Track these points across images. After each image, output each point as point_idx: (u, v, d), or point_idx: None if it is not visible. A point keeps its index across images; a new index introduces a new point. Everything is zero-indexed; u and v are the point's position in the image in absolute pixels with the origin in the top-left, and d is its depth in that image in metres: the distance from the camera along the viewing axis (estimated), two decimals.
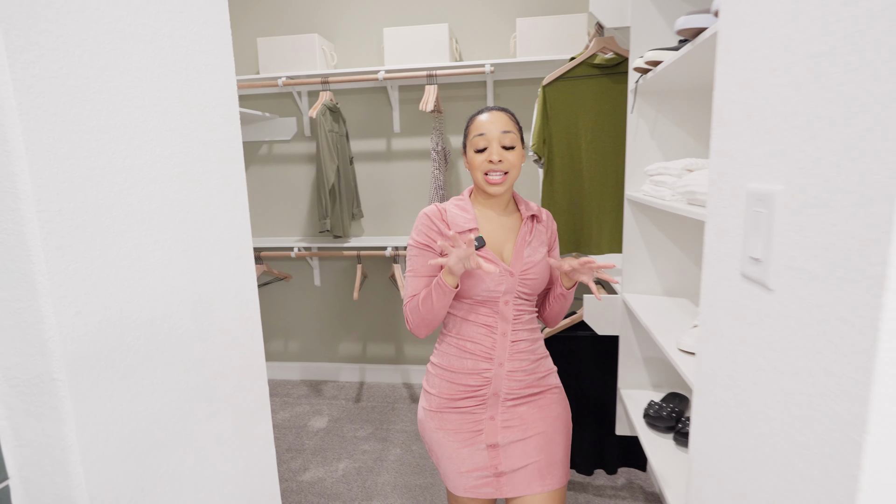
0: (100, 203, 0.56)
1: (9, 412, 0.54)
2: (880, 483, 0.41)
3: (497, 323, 1.14)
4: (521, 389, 1.16)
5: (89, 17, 0.56)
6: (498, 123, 1.12)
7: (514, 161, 1.13)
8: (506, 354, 1.14)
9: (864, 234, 0.41)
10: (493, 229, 1.17)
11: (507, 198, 1.20)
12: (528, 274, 1.14)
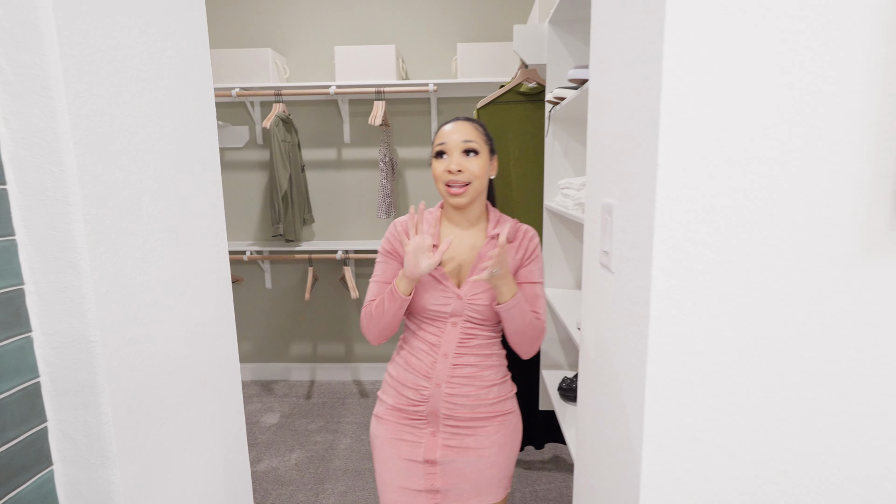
0: (121, 209, 0.74)
1: (49, 368, 0.70)
2: (658, 391, 0.67)
3: (441, 343, 1.10)
4: (465, 414, 1.11)
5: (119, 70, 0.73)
6: (459, 132, 1.08)
7: (476, 171, 1.07)
8: (444, 376, 1.10)
9: (642, 231, 0.67)
10: (455, 245, 1.13)
11: (477, 213, 1.14)
12: (479, 298, 1.09)
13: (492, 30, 2.79)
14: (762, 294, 0.63)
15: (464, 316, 1.10)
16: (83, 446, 0.72)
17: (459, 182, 1.07)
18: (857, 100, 0.58)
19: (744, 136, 0.60)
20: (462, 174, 1.07)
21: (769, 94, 0.59)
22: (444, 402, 1.10)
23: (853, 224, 0.61)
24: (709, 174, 0.61)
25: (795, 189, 0.61)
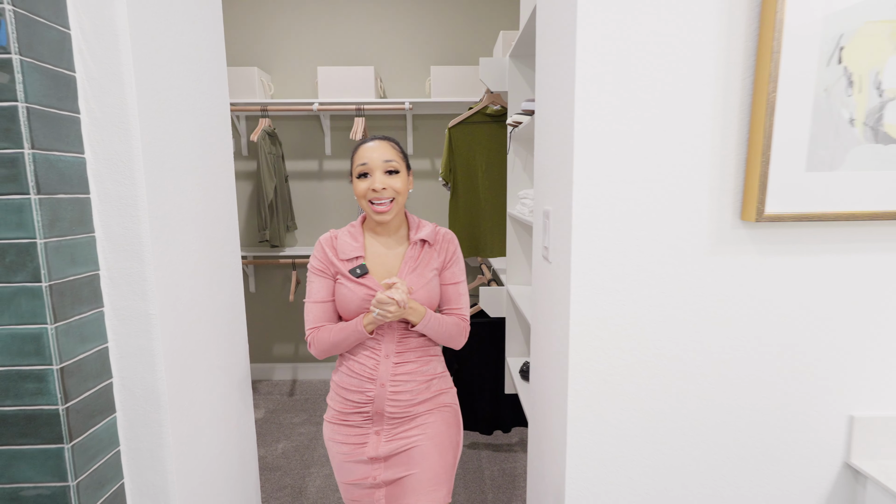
0: (171, 213, 0.95)
1: (115, 335, 0.91)
2: (578, 345, 0.92)
3: (381, 346, 1.16)
4: (407, 409, 1.18)
5: (172, 106, 0.95)
6: (380, 152, 1.14)
7: (399, 187, 1.15)
8: (388, 376, 1.16)
9: (566, 230, 0.93)
10: (380, 255, 1.19)
11: (398, 223, 1.21)
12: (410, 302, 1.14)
13: (462, 54, 3.06)
14: (646, 271, 0.89)
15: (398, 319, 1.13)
16: (140, 398, 0.92)
17: (384, 199, 1.13)
18: (705, 142, 0.86)
19: (630, 162, 0.86)
20: (386, 192, 1.13)
21: (646, 135, 0.85)
22: (388, 401, 1.16)
23: (708, 224, 0.88)
24: (607, 189, 0.87)
25: (667, 199, 0.87)
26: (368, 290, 1.14)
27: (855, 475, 0.97)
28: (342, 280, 1.15)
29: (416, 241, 1.19)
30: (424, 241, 1.20)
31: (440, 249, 1.21)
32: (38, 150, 0.75)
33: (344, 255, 1.15)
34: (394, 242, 1.21)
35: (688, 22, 0.83)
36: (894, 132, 0.83)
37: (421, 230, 1.21)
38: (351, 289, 1.14)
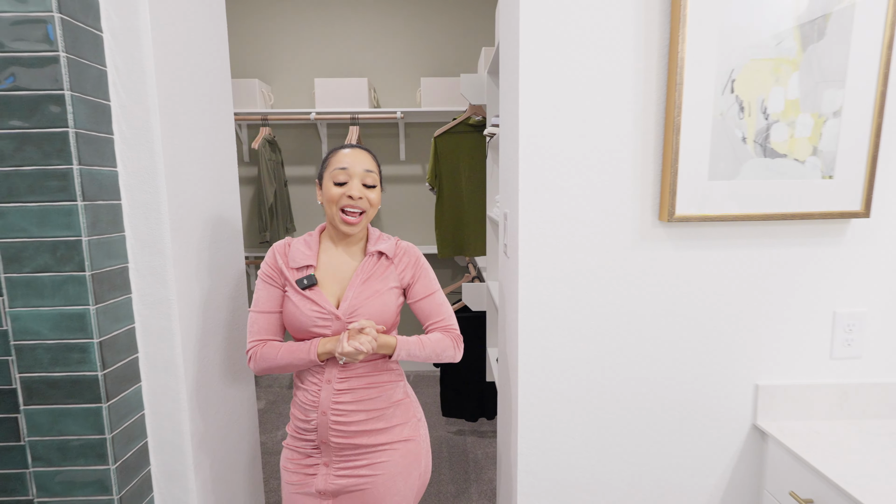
0: (186, 216, 1.14)
1: (141, 317, 1.09)
2: (526, 322, 1.10)
3: (323, 369, 1.06)
4: (354, 440, 1.06)
5: (189, 127, 1.14)
6: (361, 161, 1.07)
7: (373, 200, 1.08)
8: (329, 404, 1.05)
9: (517, 229, 1.11)
10: (334, 267, 1.10)
11: (360, 236, 1.13)
12: (357, 315, 1.05)
13: (450, 66, 3.26)
14: (581, 263, 1.08)
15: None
16: (161, 370, 1.11)
17: (357, 209, 1.06)
18: (628, 157, 1.04)
19: (565, 174, 1.05)
20: (361, 201, 1.06)
21: (578, 151, 1.04)
22: (332, 430, 1.05)
23: (631, 224, 1.07)
24: (546, 196, 1.06)
25: (598, 204, 1.06)
26: (314, 305, 1.04)
27: (762, 435, 1.15)
28: (289, 291, 1.06)
29: (373, 253, 1.11)
30: (382, 253, 1.12)
31: (400, 264, 1.13)
32: (83, 166, 0.94)
33: (294, 264, 1.07)
34: (350, 254, 1.12)
35: (611, 60, 1.02)
36: (779, 148, 1.02)
37: (379, 242, 1.13)
38: (296, 303, 1.05)
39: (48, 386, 0.98)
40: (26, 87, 0.90)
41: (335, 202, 1.06)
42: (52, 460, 1.00)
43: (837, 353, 1.13)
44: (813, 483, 0.97)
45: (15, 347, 0.97)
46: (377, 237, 1.15)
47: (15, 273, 0.94)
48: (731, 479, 1.16)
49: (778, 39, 0.98)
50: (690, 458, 1.16)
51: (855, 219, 1.06)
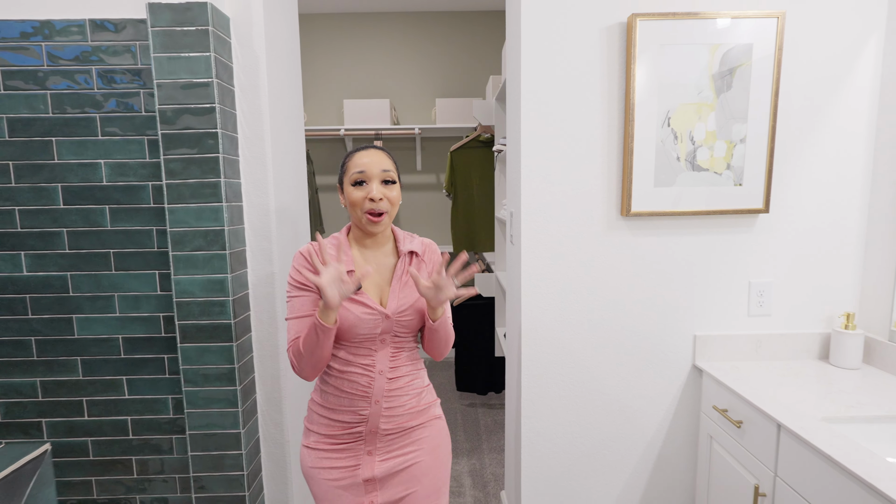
0: (283, 213, 1.59)
1: (252, 286, 1.54)
2: (527, 297, 1.54)
3: (375, 363, 1.10)
4: (401, 424, 1.13)
5: (286, 145, 1.60)
6: (378, 162, 1.09)
7: (394, 198, 1.11)
8: (383, 393, 1.11)
9: (519, 222, 1.55)
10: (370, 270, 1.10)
11: (385, 235, 1.16)
12: (405, 315, 1.11)
13: (461, 88, 3.72)
14: (566, 247, 1.51)
15: (392, 332, 1.11)
16: (266, 324, 1.55)
17: (379, 210, 1.08)
18: (599, 171, 1.48)
19: (555, 183, 1.49)
20: (382, 202, 1.08)
21: (564, 167, 1.48)
22: (383, 418, 1.11)
23: (602, 218, 1.50)
24: (541, 199, 1.50)
25: (578, 204, 1.50)
26: (364, 307, 1.08)
27: (699, 371, 1.58)
28: None
29: (406, 253, 1.16)
30: (413, 252, 1.16)
31: (428, 260, 1.19)
32: (225, 179, 1.39)
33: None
34: (383, 254, 1.16)
35: (586, 104, 1.46)
36: (703, 164, 1.46)
37: (408, 242, 1.18)
38: (345, 306, 1.06)
39: (197, 330, 1.42)
40: (194, 128, 1.35)
41: (358, 206, 1.09)
42: (198, 382, 1.44)
43: (753, 312, 1.56)
44: (729, 399, 1.40)
45: (176, 303, 1.41)
46: (403, 237, 1.19)
47: (179, 252, 1.39)
48: (679, 402, 1.59)
49: (699, 90, 1.42)
50: (650, 389, 1.59)
51: (759, 214, 1.50)
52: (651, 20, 1.40)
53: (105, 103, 1.42)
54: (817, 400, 1.27)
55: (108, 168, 1.44)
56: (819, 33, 1.44)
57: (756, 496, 1.25)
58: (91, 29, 1.39)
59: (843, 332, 1.48)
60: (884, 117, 1.46)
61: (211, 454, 1.48)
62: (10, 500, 0.72)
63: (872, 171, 1.50)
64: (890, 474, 0.93)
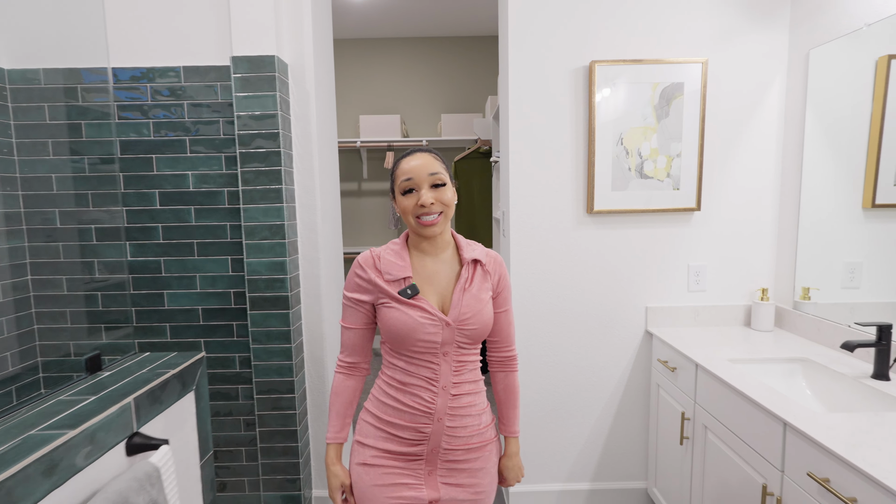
0: (325, 212, 2.04)
1: (302, 269, 1.99)
2: (518, 281, 1.98)
3: (438, 376, 1.06)
4: (462, 445, 1.09)
5: (324, 159, 2.05)
6: (425, 166, 1.05)
7: (446, 200, 1.06)
8: (446, 409, 1.06)
9: (509, 219, 2.00)
10: (429, 275, 1.09)
11: (445, 240, 1.12)
12: (468, 323, 1.06)
13: (464, 105, 4.18)
14: (544, 238, 1.96)
15: (454, 343, 1.06)
16: (312, 297, 2.00)
17: (434, 213, 1.04)
18: (569, 178, 1.93)
19: (535, 188, 1.94)
20: (434, 206, 1.04)
21: (542, 175, 1.93)
22: (446, 437, 1.07)
23: (572, 215, 1.95)
24: (525, 201, 1.94)
25: (553, 205, 1.94)
26: (423, 312, 1.04)
27: (650, 335, 2.02)
28: (390, 303, 1.06)
29: (470, 262, 1.10)
30: (477, 261, 1.11)
31: (493, 272, 1.13)
32: (285, 186, 1.84)
33: (390, 276, 1.07)
34: (442, 261, 1.11)
35: (559, 127, 1.91)
36: (649, 174, 1.90)
37: (471, 250, 1.12)
38: (403, 311, 1.04)
39: (263, 300, 1.87)
40: (263, 148, 1.80)
41: (410, 213, 1.06)
42: (262, 341, 1.89)
43: (691, 288, 1.99)
44: (669, 353, 1.83)
45: (247, 280, 1.86)
46: (466, 243, 1.14)
47: (250, 241, 1.84)
48: (635, 359, 2.03)
49: (644, 117, 1.87)
50: (611, 350, 2.02)
51: (694, 212, 1.94)
52: (607, 65, 1.85)
53: (193, 129, 1.87)
54: (730, 350, 1.71)
55: (194, 178, 1.89)
56: (735, 74, 1.88)
57: (682, 420, 1.68)
58: (184, 73, 1.85)
59: (759, 303, 1.91)
60: (787, 137, 1.90)
61: (271, 397, 1.92)
62: (184, 388, 1.15)
63: (781, 179, 1.94)
64: (760, 391, 1.36)
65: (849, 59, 1.66)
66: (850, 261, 1.76)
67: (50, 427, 0.80)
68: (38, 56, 1.83)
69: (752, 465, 1.33)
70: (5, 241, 1.86)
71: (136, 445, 0.92)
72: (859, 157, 1.67)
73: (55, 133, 1.86)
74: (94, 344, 1.91)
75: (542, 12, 1.86)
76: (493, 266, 1.15)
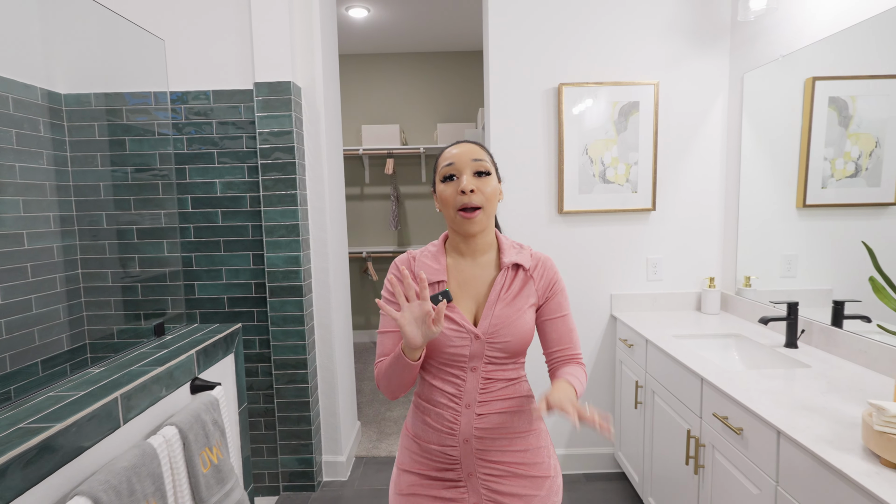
0: (331, 213, 2.36)
1: (314, 262, 2.31)
2: None
3: (462, 393, 0.95)
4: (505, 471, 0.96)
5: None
6: (468, 152, 0.95)
7: (489, 192, 0.94)
8: (471, 430, 0.95)
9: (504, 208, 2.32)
10: (465, 280, 0.98)
11: (487, 241, 1.00)
12: (499, 336, 0.94)
13: (458, 115, 4.50)
14: (523, 233, 2.28)
15: (484, 358, 0.95)
16: (322, 285, 2.31)
17: (472, 205, 0.93)
18: (542, 182, 2.25)
19: (516, 190, 2.25)
20: (475, 195, 0.93)
21: (521, 180, 2.25)
22: (479, 461, 0.96)
23: (546, 214, 2.27)
24: (508, 202, 2.26)
25: (530, 205, 2.26)
26: (451, 322, 0.95)
27: (614, 318, 2.33)
28: None
29: (509, 266, 0.99)
30: (519, 266, 1.00)
31: (540, 278, 1.01)
32: (299, 191, 2.16)
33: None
34: (482, 266, 1.00)
35: (533, 140, 2.23)
36: (611, 179, 2.22)
37: (514, 253, 1.01)
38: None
39: (280, 289, 2.19)
40: (281, 159, 2.13)
41: (450, 203, 0.95)
42: (280, 324, 2.20)
43: (650, 278, 2.30)
44: (629, 333, 2.14)
45: (267, 272, 2.18)
46: (509, 246, 1.03)
47: (270, 238, 2.16)
48: (602, 339, 2.33)
49: (605, 130, 2.19)
50: (581, 332, 2.33)
51: (650, 212, 2.25)
52: (573, 87, 2.17)
53: (220, 143, 2.20)
54: (678, 329, 2.01)
55: (221, 185, 2.22)
56: (684, 94, 2.20)
57: (636, 388, 1.99)
58: (213, 96, 2.18)
59: (707, 290, 2.22)
60: (728, 148, 2.22)
61: (287, 372, 2.24)
62: (227, 350, 1.47)
63: (724, 183, 2.25)
64: (690, 358, 1.67)
65: (780, 81, 1.97)
66: (788, 254, 2.06)
67: (145, 366, 1.12)
68: (89, 82, 2.17)
69: (682, 417, 1.64)
70: (60, 239, 2.19)
71: (197, 386, 1.24)
72: (792, 163, 1.98)
73: (103, 148, 2.19)
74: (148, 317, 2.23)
75: (518, 43, 2.18)
76: (541, 271, 1.01)
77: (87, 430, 0.88)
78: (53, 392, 0.96)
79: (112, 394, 0.95)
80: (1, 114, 1.91)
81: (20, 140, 1.98)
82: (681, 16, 2.16)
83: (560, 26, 2.17)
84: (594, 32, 2.17)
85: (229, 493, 1.11)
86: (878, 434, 0.95)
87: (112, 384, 1.01)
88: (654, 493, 1.89)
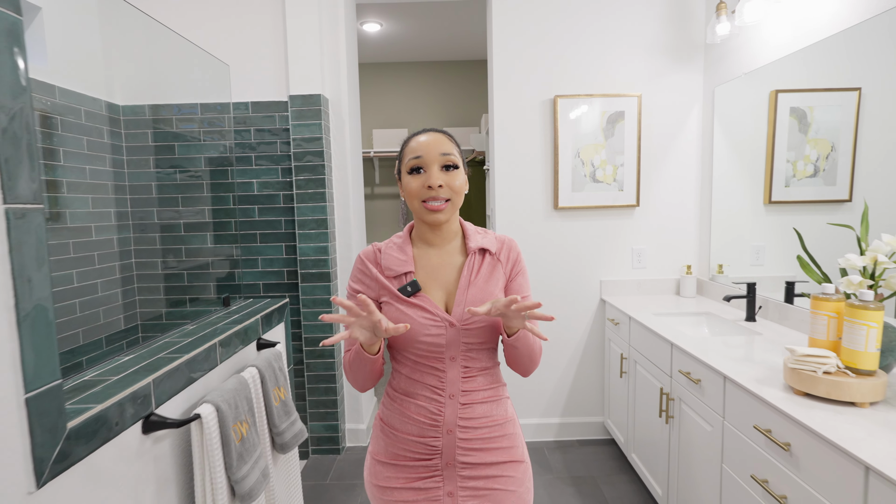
0: (356, 210, 2.67)
1: (338, 252, 2.62)
2: None
3: (444, 384, 0.95)
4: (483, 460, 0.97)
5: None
6: (436, 145, 0.94)
7: (456, 186, 0.95)
8: (455, 420, 0.95)
9: (495, 214, 2.62)
10: (434, 270, 0.98)
11: (453, 229, 1.01)
12: (474, 321, 0.94)
13: (462, 120, 4.82)
14: (521, 228, 2.59)
15: (461, 346, 0.95)
16: (346, 273, 2.63)
17: (441, 198, 0.93)
18: (539, 181, 2.56)
19: (514, 189, 2.57)
20: (443, 190, 0.93)
21: (519, 180, 2.56)
22: (460, 451, 0.96)
23: (542, 210, 2.58)
24: (506, 200, 2.57)
25: (527, 202, 2.57)
26: (425, 312, 0.94)
27: (603, 302, 2.64)
28: (390, 301, 0.96)
29: (475, 251, 0.99)
30: (485, 250, 1.00)
31: (506, 260, 1.02)
32: (327, 189, 2.48)
33: (391, 272, 0.97)
34: (448, 253, 1.01)
35: (532, 144, 2.54)
36: (600, 179, 2.53)
37: (479, 238, 1.01)
38: (403, 311, 0.94)
39: (311, 275, 2.50)
40: (312, 162, 2.44)
41: (416, 196, 0.95)
42: (310, 305, 2.52)
43: (635, 266, 2.61)
44: (616, 313, 2.45)
45: (299, 260, 2.49)
46: (474, 231, 1.04)
47: (302, 231, 2.48)
48: (593, 320, 2.64)
49: (595, 136, 2.50)
50: (577, 312, 2.64)
51: (634, 207, 2.56)
52: (567, 98, 2.48)
53: (257, 147, 2.51)
54: (657, 309, 2.32)
55: (258, 184, 2.53)
56: (663, 105, 2.51)
57: (621, 360, 2.30)
58: (252, 107, 2.49)
59: (685, 276, 2.53)
60: (703, 152, 2.53)
61: (316, 349, 2.55)
62: (279, 319, 1.78)
63: (700, 183, 2.56)
64: (664, 329, 1.98)
65: (747, 94, 2.27)
66: (756, 244, 2.37)
67: (226, 325, 1.43)
68: (143, 94, 2.49)
69: (657, 378, 1.94)
70: (117, 232, 2.51)
71: (262, 344, 1.55)
72: (759, 165, 2.28)
73: (154, 152, 2.50)
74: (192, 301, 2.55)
75: (518, 59, 2.49)
76: (506, 252, 1.03)
77: (198, 364, 1.19)
78: (168, 339, 1.28)
79: (211, 340, 1.27)
80: (75, 123, 2.23)
81: (90, 146, 2.30)
82: (661, 36, 2.48)
83: (555, 44, 2.48)
84: (585, 50, 2.48)
85: (293, 423, 1.43)
86: (791, 370, 1.26)
87: (210, 335, 1.32)
88: (637, 450, 2.20)
